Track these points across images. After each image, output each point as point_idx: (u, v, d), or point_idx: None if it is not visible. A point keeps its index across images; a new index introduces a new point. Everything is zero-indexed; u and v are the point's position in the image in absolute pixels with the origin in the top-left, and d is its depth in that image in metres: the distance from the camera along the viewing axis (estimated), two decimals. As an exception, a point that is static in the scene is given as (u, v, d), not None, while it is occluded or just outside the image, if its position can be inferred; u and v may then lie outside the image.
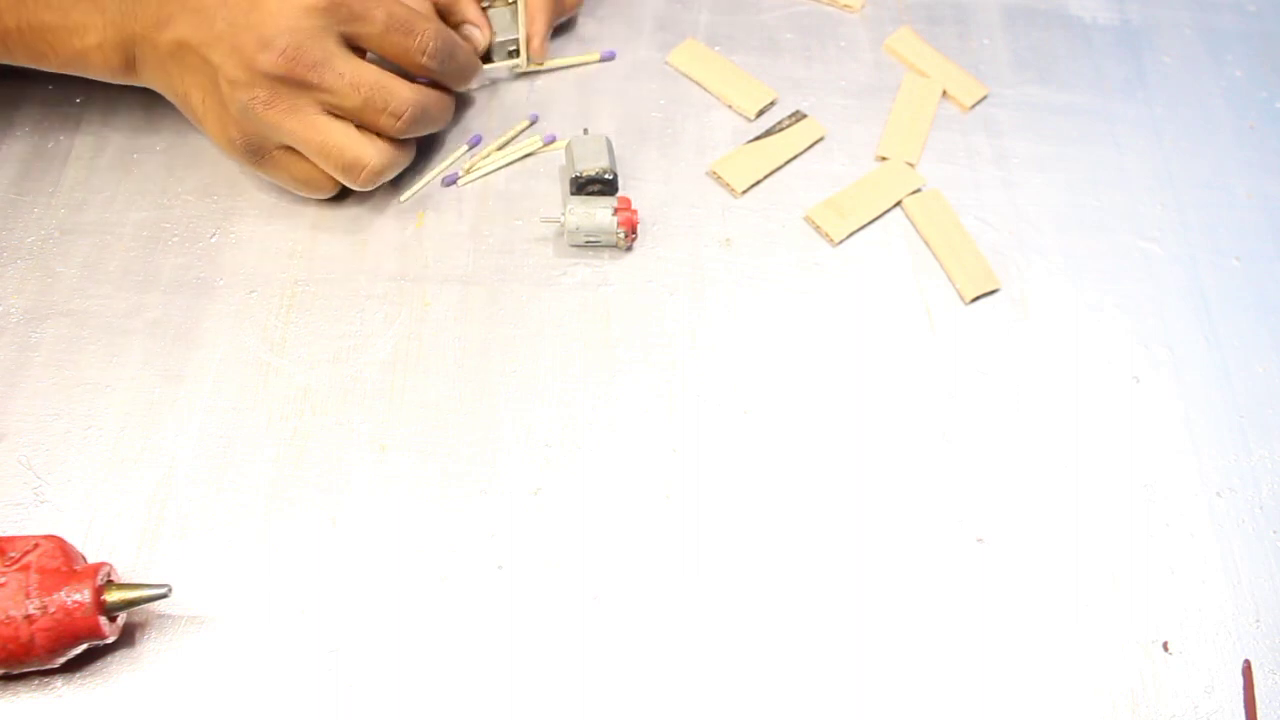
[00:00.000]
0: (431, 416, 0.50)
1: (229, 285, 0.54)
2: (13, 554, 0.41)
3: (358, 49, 0.51)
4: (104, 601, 0.41)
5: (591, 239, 0.55)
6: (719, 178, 0.59)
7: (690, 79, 0.63)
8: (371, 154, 0.51)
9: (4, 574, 0.40)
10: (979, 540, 0.50)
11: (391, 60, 0.52)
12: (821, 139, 0.61)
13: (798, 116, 0.62)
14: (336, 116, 0.50)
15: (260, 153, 0.52)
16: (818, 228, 0.58)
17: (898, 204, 0.59)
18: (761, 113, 0.62)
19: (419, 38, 0.51)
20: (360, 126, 0.51)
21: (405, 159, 0.55)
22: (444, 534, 0.48)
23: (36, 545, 0.41)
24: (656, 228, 0.57)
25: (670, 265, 0.56)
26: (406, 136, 0.53)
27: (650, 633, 0.46)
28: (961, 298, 0.56)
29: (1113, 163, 0.63)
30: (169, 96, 0.52)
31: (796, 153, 0.61)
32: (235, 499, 0.48)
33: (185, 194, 0.56)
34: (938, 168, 0.61)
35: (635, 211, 0.55)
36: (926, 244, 0.58)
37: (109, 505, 0.47)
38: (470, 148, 0.59)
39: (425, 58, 0.52)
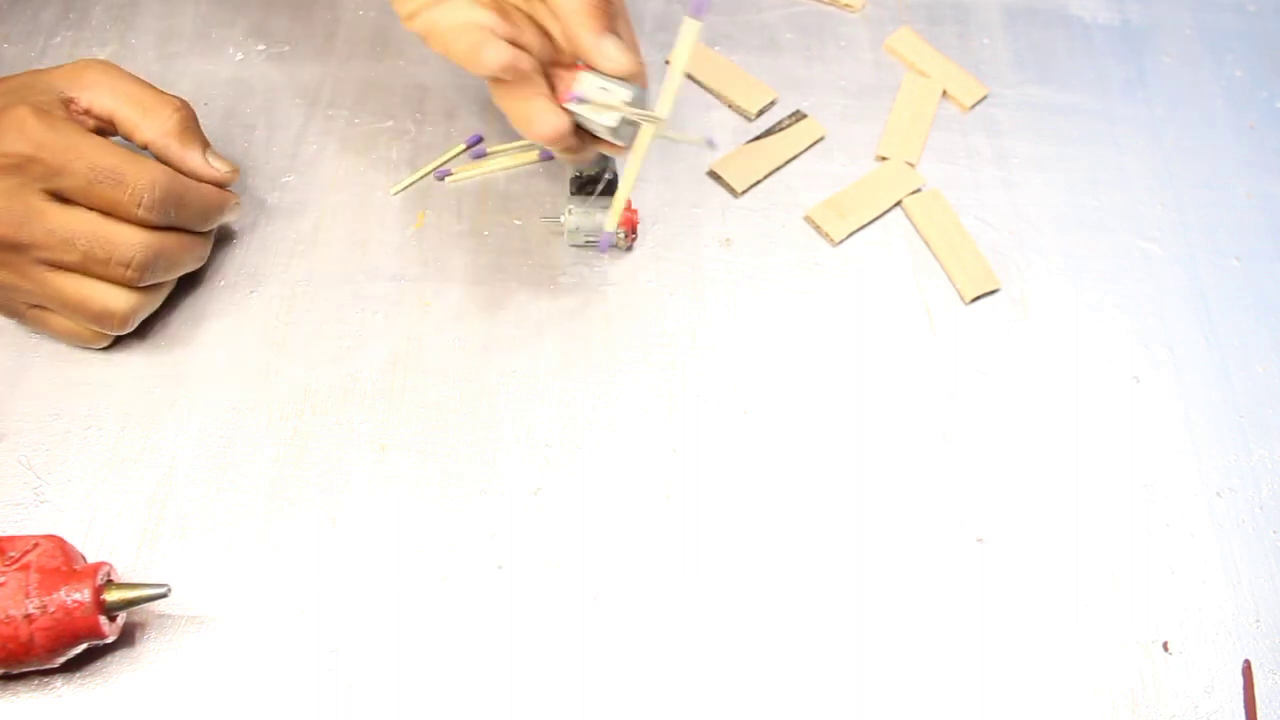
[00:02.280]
0: (431, 416, 0.50)
1: (229, 285, 0.54)
2: (13, 554, 0.41)
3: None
4: (104, 601, 0.41)
5: (591, 239, 0.55)
6: (719, 178, 0.59)
7: (690, 79, 0.63)
8: (115, 300, 0.48)
9: (4, 574, 0.40)
10: (979, 540, 0.50)
11: (107, 214, 0.47)
12: (821, 139, 0.61)
13: (798, 116, 0.62)
14: (69, 270, 0.47)
15: (14, 312, 0.49)
16: (818, 228, 0.58)
17: (898, 204, 0.59)
18: (761, 112, 0.62)
19: (129, 189, 0.46)
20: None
21: (157, 298, 0.50)
22: (444, 534, 0.48)
23: (36, 545, 0.41)
24: (656, 228, 0.57)
25: (670, 265, 0.56)
26: (148, 283, 0.49)
27: (650, 633, 0.46)
28: (961, 298, 0.56)
29: (1113, 163, 0.62)
30: None
31: (796, 153, 0.61)
32: (235, 499, 0.48)
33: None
34: (938, 168, 0.61)
35: (635, 211, 0.55)
36: (926, 244, 0.58)
37: (109, 505, 0.47)
38: (468, 146, 0.59)
39: (142, 210, 0.46)
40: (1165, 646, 0.48)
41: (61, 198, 0.46)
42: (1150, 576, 0.49)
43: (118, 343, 0.51)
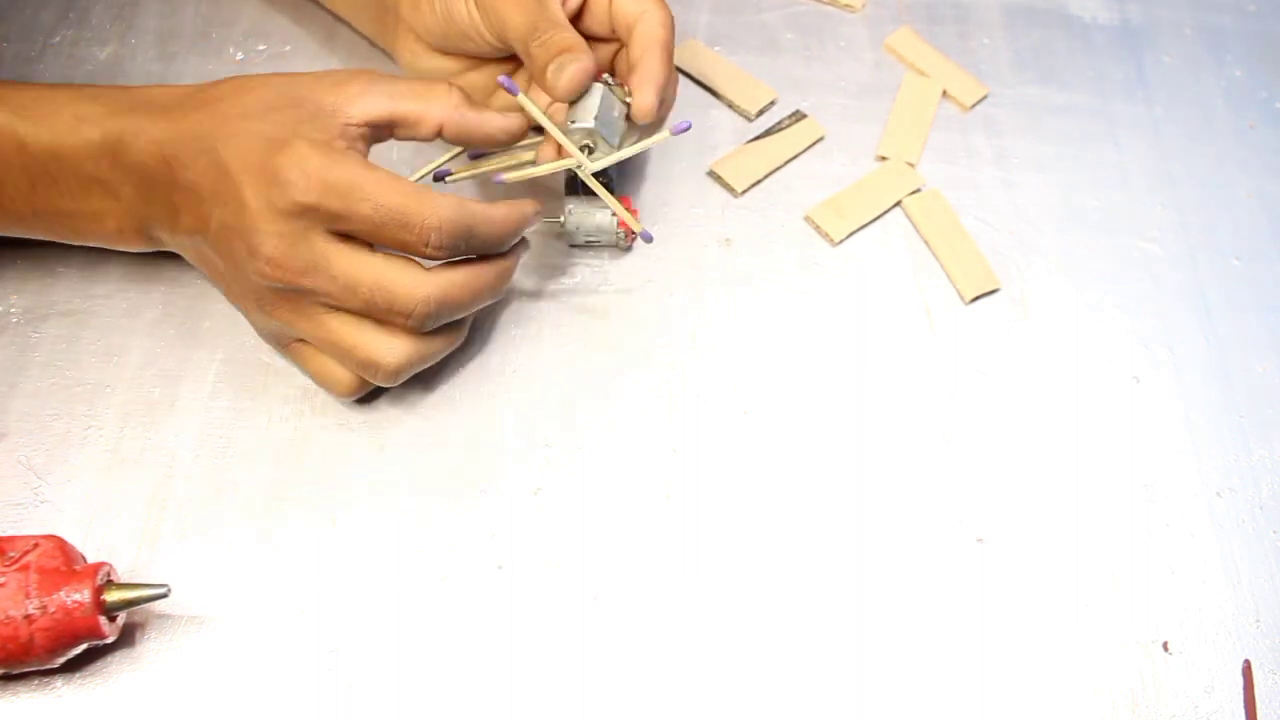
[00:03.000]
0: (431, 416, 0.50)
1: (229, 285, 0.54)
2: (12, 554, 0.41)
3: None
4: (104, 601, 0.41)
5: (591, 239, 0.55)
6: (719, 178, 0.59)
7: (690, 79, 0.63)
8: (386, 353, 0.46)
9: (4, 574, 0.40)
10: (979, 540, 0.50)
11: (397, 253, 0.45)
12: (821, 139, 0.61)
13: (797, 116, 0.62)
14: (347, 311, 0.45)
15: (280, 342, 0.48)
16: (818, 228, 0.58)
17: (898, 204, 0.59)
18: (761, 112, 0.62)
19: (416, 230, 0.43)
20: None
21: (439, 347, 0.48)
22: (444, 534, 0.48)
23: (36, 545, 0.41)
24: (656, 228, 0.57)
25: (670, 265, 0.56)
26: (431, 329, 0.47)
27: (650, 633, 0.46)
28: (961, 298, 0.56)
29: (1113, 163, 0.62)
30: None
31: (796, 153, 0.61)
32: (235, 499, 0.48)
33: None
34: (938, 168, 0.61)
35: (635, 211, 0.55)
36: (926, 244, 0.58)
37: (109, 505, 0.47)
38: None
39: (431, 249, 0.44)
40: (1165, 646, 0.48)
41: (348, 235, 0.44)
42: (1150, 576, 0.49)
43: (118, 343, 0.51)
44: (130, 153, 0.45)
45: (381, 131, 0.47)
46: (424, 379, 0.51)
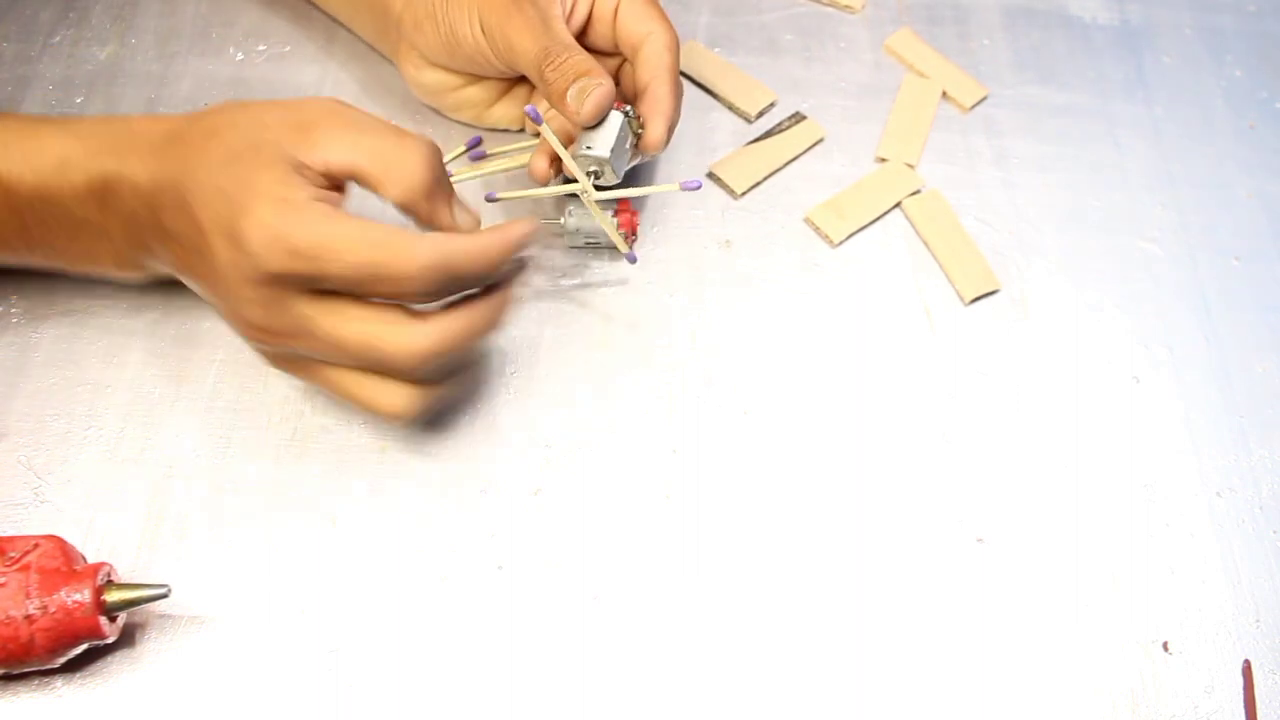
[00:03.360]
0: (431, 417, 0.50)
1: (229, 285, 0.54)
2: (13, 554, 0.41)
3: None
4: (104, 602, 0.41)
5: (591, 240, 0.55)
6: (719, 179, 0.59)
7: (690, 80, 0.63)
8: (391, 403, 0.44)
9: (4, 574, 0.40)
10: (979, 540, 0.50)
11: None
12: (821, 140, 0.61)
13: (797, 118, 0.62)
14: (347, 369, 0.44)
15: (301, 374, 0.46)
16: (817, 229, 0.58)
17: (897, 205, 0.59)
18: (761, 114, 0.62)
19: (394, 282, 0.40)
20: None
21: (448, 389, 0.46)
22: (444, 534, 0.48)
23: (36, 545, 0.41)
24: (656, 229, 0.57)
25: (670, 266, 0.56)
26: (432, 380, 0.44)
27: (650, 633, 0.46)
28: (961, 298, 0.56)
29: (1113, 163, 0.63)
30: None
31: (796, 154, 0.61)
32: (235, 499, 0.48)
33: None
34: (938, 168, 0.61)
35: (635, 213, 0.55)
36: (926, 244, 0.58)
37: (109, 505, 0.47)
38: (468, 148, 0.59)
39: (417, 297, 0.41)
40: (1165, 646, 0.48)
41: (331, 291, 0.41)
42: (1150, 576, 0.49)
43: (118, 343, 0.51)
44: (115, 199, 0.43)
45: (343, 181, 0.43)
46: (424, 379, 0.51)
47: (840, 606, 0.47)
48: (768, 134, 0.61)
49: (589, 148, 0.50)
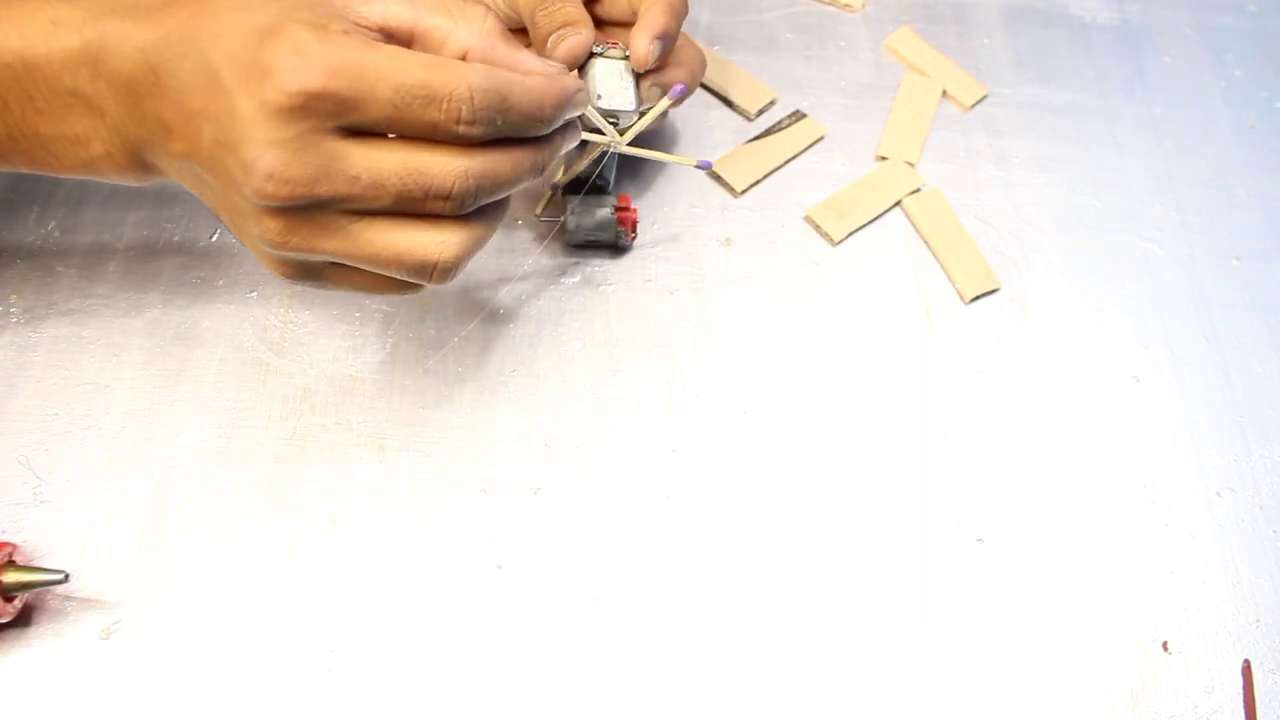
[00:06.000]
0: (431, 416, 0.50)
1: (229, 285, 0.53)
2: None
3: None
4: (1, 582, 0.41)
5: (592, 238, 0.55)
6: (719, 177, 0.59)
7: (690, 79, 0.63)
8: (439, 248, 0.40)
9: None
10: (979, 540, 0.50)
11: (423, 139, 0.39)
12: (821, 138, 0.61)
13: (797, 116, 0.62)
14: (378, 215, 0.40)
15: (312, 275, 0.42)
16: (818, 227, 0.58)
17: (898, 204, 0.59)
18: (761, 112, 0.62)
19: (444, 105, 0.37)
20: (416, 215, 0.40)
21: (487, 230, 0.42)
22: (444, 534, 0.48)
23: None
24: (656, 227, 0.57)
25: (670, 265, 0.56)
26: (472, 210, 0.41)
27: (650, 633, 0.46)
28: (961, 298, 0.56)
29: (1113, 163, 0.63)
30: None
31: (796, 152, 0.61)
32: (235, 499, 0.48)
33: (185, 193, 0.56)
34: (938, 167, 0.61)
35: (635, 210, 0.55)
36: (926, 244, 0.58)
37: (109, 505, 0.47)
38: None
39: (463, 126, 0.38)
40: (1165, 646, 0.48)
41: (360, 131, 0.38)
42: (1150, 576, 0.49)
43: (117, 342, 0.51)
44: (112, 60, 0.39)
45: (395, 42, 0.40)
46: (423, 378, 0.51)
47: (840, 606, 0.47)
48: (768, 132, 0.61)
49: (599, 97, 0.50)
